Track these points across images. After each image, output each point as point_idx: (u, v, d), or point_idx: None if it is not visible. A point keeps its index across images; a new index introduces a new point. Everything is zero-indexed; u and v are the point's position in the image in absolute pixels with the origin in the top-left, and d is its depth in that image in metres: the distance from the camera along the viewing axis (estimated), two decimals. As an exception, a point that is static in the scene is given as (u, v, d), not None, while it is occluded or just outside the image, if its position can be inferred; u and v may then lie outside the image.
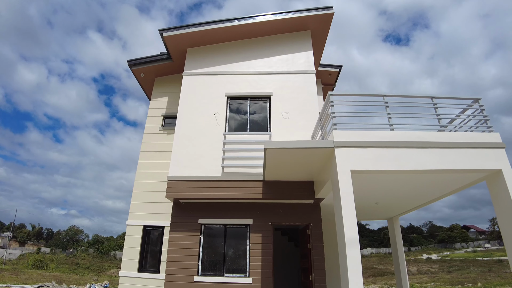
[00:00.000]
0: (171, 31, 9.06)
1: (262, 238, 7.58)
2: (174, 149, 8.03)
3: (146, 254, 8.38)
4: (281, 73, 9.00)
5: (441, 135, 5.85)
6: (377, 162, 5.40)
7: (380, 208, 8.84)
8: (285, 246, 11.32)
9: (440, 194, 7.21)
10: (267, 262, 7.33)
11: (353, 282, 4.57)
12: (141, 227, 8.49)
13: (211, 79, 9.02)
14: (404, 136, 5.65)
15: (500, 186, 5.61)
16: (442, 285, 17.10)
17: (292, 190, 7.51)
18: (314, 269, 7.21)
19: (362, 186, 6.79)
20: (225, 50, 9.52)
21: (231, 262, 7.46)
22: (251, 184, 7.58)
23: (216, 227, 7.84)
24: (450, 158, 5.65)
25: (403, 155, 5.50)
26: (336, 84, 12.82)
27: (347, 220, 4.91)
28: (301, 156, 6.08)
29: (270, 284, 7.11)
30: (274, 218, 7.80)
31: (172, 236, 7.59)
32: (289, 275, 10.82)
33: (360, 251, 4.79)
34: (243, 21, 9.11)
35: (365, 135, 5.58)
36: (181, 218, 7.79)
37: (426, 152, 5.61)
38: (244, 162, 7.81)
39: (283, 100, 8.58)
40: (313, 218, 7.71)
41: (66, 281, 24.43)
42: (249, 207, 7.88)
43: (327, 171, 6.08)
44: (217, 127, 8.28)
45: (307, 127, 8.07)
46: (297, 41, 9.55)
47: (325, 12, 9.29)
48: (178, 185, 7.59)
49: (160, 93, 10.41)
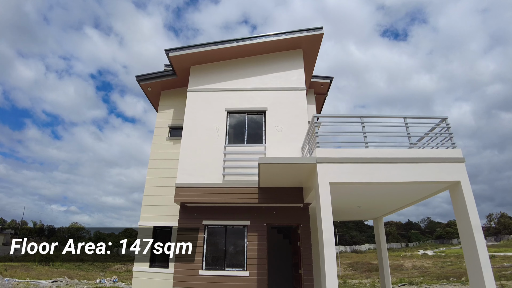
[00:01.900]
0: (176, 52, 10.06)
1: (258, 237, 8.67)
2: (180, 160, 9.09)
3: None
4: (275, 89, 10.02)
5: (410, 152, 6.88)
6: (353, 175, 6.45)
7: (363, 210, 9.92)
8: (281, 243, 12.41)
9: (411, 201, 8.28)
10: (262, 258, 8.43)
11: (329, 274, 5.64)
12: (151, 228, 9.59)
13: (213, 95, 10.05)
14: (376, 153, 6.70)
15: (459, 195, 6.63)
16: (429, 279, 18.21)
17: (284, 195, 8.59)
18: (303, 264, 8.31)
19: (346, 193, 7.84)
20: (225, 68, 10.53)
21: (231, 258, 8.56)
22: (248, 190, 8.66)
23: (218, 227, 8.92)
24: (417, 171, 6.67)
25: (375, 169, 6.54)
26: (328, 93, 13.82)
27: (325, 223, 5.98)
28: (289, 169, 7.14)
29: (264, 277, 8.21)
30: (269, 219, 8.88)
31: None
32: (284, 269, 11.91)
33: (335, 249, 5.86)
34: (241, 42, 10.11)
35: (342, 152, 6.63)
36: (187, 219, 8.88)
37: (395, 166, 6.65)
38: (242, 171, 8.88)
39: (276, 115, 9.62)
40: (302, 219, 8.79)
41: (74, 276, 25.64)
42: (246, 210, 8.94)
43: (312, 181, 7.14)
44: (218, 139, 9.34)
45: (298, 139, 9.11)
46: (290, 59, 10.55)
47: (315, 33, 10.28)
48: (185, 191, 8.68)
49: (166, 105, 11.44)
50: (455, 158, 6.82)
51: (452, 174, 6.70)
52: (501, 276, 15.59)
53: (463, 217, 6.46)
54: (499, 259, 35.06)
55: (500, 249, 48.68)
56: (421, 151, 6.98)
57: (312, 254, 8.44)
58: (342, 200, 8.55)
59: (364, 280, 23.78)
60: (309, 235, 8.60)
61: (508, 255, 38.87)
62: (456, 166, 6.77)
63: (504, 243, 61.45)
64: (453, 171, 6.72)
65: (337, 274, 5.87)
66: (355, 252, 57.19)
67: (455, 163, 6.78)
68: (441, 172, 6.70)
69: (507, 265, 27.48)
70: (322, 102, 14.21)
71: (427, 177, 6.65)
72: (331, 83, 13.21)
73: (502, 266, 27.16)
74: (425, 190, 7.48)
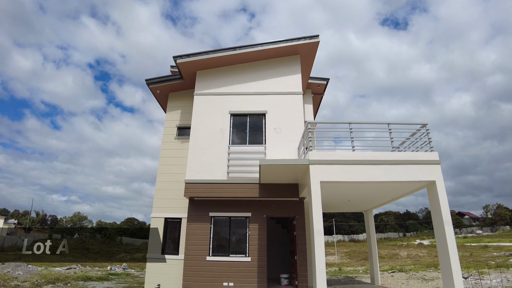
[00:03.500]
0: (183, 58, 10.94)
1: (258, 227, 9.75)
2: (189, 158, 10.10)
3: (167, 240, 10.59)
4: (274, 93, 10.94)
5: (391, 154, 7.86)
6: (341, 175, 7.44)
7: (353, 203, 10.98)
8: (279, 232, 13.53)
9: (394, 197, 9.32)
10: (262, 246, 9.53)
11: (318, 259, 6.70)
12: (162, 219, 10.68)
13: (217, 99, 10.98)
14: (361, 155, 7.68)
15: (434, 193, 7.62)
16: (419, 267, 19.40)
17: (282, 190, 9.64)
18: (298, 251, 9.40)
19: (336, 189, 8.86)
20: (228, 73, 11.42)
21: (234, 245, 9.67)
22: (249, 186, 9.71)
23: (223, 218, 10.00)
24: (397, 172, 7.65)
25: (360, 170, 7.53)
26: (324, 93, 14.69)
27: (316, 216, 7.01)
28: (286, 169, 8.15)
29: (264, 262, 9.33)
30: (268, 212, 9.95)
31: (189, 225, 9.79)
32: (282, 256, 13.06)
33: (324, 238, 6.91)
34: (244, 49, 10.97)
35: (332, 155, 7.61)
36: (195, 212, 9.96)
37: (378, 167, 7.63)
38: (244, 168, 9.90)
39: (275, 117, 10.57)
40: (298, 211, 9.85)
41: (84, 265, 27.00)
42: (248, 203, 10.00)
43: (306, 179, 8.14)
44: (223, 139, 10.33)
45: (295, 140, 10.08)
46: (288, 65, 11.42)
47: (312, 41, 11.11)
48: (193, 187, 9.73)
49: (174, 106, 12.38)
50: (432, 160, 7.78)
51: (428, 174, 7.66)
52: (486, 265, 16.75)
53: (436, 212, 7.47)
54: (492, 249, 36.29)
55: (494, 239, 50.07)
56: (401, 154, 7.96)
57: (306, 243, 9.54)
58: (334, 195, 9.59)
59: (358, 267, 25.10)
60: (304, 225, 9.67)
61: (501, 245, 40.16)
62: (432, 168, 7.73)
63: (499, 233, 62.85)
64: (429, 172, 7.68)
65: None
66: (353, 241, 58.72)
67: (431, 165, 7.74)
68: (419, 173, 7.66)
69: (496, 255, 28.72)
70: (319, 102, 15.11)
71: (406, 177, 7.63)
72: (327, 84, 14.08)
73: (491, 255, 28.40)
74: (405, 188, 8.49)
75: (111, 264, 27.05)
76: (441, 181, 7.62)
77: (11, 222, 73.03)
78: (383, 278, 13.51)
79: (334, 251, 41.48)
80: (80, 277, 13.59)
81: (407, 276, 14.01)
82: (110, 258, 44.14)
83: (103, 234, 59.82)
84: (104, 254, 47.30)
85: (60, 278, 12.32)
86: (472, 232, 68.79)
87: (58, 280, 11.64)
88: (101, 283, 12.18)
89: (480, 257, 27.75)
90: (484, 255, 29.41)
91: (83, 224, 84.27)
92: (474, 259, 24.58)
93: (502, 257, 25.80)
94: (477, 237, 58.14)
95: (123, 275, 17.99)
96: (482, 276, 10.75)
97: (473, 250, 36.80)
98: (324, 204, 10.78)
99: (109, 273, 17.98)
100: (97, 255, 45.98)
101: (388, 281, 12.69)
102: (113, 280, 14.09)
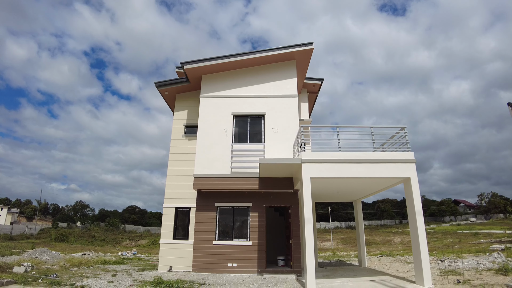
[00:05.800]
0: (190, 64, 12.07)
1: (258, 215, 11.14)
2: (197, 155, 11.40)
3: (178, 227, 11.99)
4: (272, 96, 12.13)
5: (372, 154, 9.11)
6: (329, 172, 8.72)
7: (342, 194, 12.34)
8: (277, 220, 14.95)
9: (376, 190, 10.69)
10: (261, 231, 10.94)
11: (308, 243, 8.05)
12: (173, 209, 12.05)
13: (221, 101, 12.18)
14: (346, 155, 8.94)
15: (409, 187, 8.89)
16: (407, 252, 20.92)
17: (279, 183, 10.98)
18: (293, 236, 10.81)
19: (326, 183, 10.15)
20: (230, 77, 12.58)
21: (237, 231, 11.08)
22: (250, 180, 11.04)
23: (227, 208, 11.37)
24: (377, 169, 8.90)
25: (345, 168, 8.80)
26: (319, 92, 15.84)
27: (306, 207, 8.33)
28: (282, 166, 9.45)
29: (263, 246, 10.76)
30: (267, 202, 11.32)
31: (197, 214, 11.17)
32: (279, 240, 14.52)
33: (312, 226, 8.25)
34: (245, 56, 12.09)
35: (321, 155, 8.88)
36: (203, 202, 11.33)
37: (361, 165, 8.89)
38: (246, 164, 11.21)
39: (273, 118, 11.80)
40: (292, 202, 11.22)
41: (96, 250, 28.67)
42: (249, 195, 11.35)
43: (299, 174, 9.44)
44: (226, 138, 11.59)
45: (290, 139, 11.35)
46: (285, 70, 12.56)
47: (307, 48, 12.22)
48: (201, 181, 11.06)
49: (181, 107, 13.57)
50: (407, 159, 9.01)
51: (404, 171, 8.90)
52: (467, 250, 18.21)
53: (410, 204, 8.76)
54: (482, 236, 37.98)
55: (486, 227, 51.90)
56: (381, 154, 9.22)
57: (300, 229, 10.94)
58: (324, 187, 10.92)
59: (351, 252, 26.78)
60: (298, 214, 11.05)
61: (491, 232, 41.86)
62: (408, 166, 8.96)
63: (492, 221, 64.57)
64: (405, 170, 8.92)
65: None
66: (349, 228, 60.71)
67: (407, 163, 8.99)
68: (396, 170, 8.91)
69: (483, 241, 30.34)
70: (314, 100, 16.29)
71: (385, 174, 8.89)
72: (321, 84, 15.23)
73: (478, 242, 30.02)
74: (385, 182, 9.80)
75: (118, 250, 28.77)
76: (415, 178, 8.87)
77: (14, 212, 74.75)
78: (371, 262, 15.02)
79: (330, 237, 43.37)
80: (99, 261, 15.09)
81: (392, 259, 15.49)
82: (116, 244, 45.94)
83: (106, 222, 61.54)
84: (110, 241, 49.11)
85: (83, 262, 13.80)
86: (466, 220, 70.77)
87: (82, 263, 13.10)
88: (118, 266, 13.65)
89: (466, 243, 29.36)
90: (470, 242, 30.94)
91: (85, 213, 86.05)
92: (461, 246, 26.17)
93: (487, 243, 27.40)
94: (470, 225, 59.99)
95: (135, 259, 19.56)
96: (457, 260, 12.18)
97: (463, 237, 38.49)
98: (317, 195, 12.20)
99: (122, 258, 19.53)
100: (103, 242, 47.77)
101: (374, 263, 14.16)
102: (127, 263, 15.60)
